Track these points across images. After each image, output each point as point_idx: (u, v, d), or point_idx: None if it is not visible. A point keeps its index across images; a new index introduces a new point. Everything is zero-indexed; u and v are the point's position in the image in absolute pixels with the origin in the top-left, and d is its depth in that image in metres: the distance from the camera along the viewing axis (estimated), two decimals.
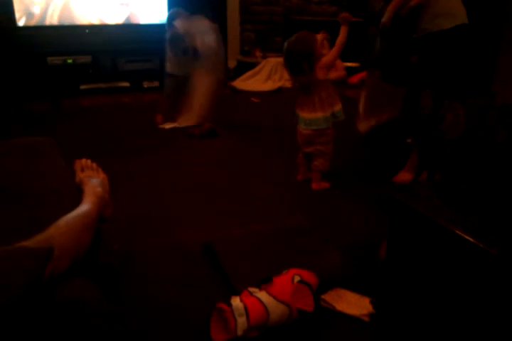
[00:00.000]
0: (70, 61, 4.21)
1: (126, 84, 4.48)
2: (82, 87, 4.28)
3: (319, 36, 2.44)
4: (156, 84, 4.55)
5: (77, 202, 1.20)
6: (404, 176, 2.63)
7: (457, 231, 1.12)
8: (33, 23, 4.05)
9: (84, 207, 1.16)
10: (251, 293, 1.45)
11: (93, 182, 1.32)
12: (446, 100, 2.51)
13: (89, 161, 1.42)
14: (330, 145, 2.48)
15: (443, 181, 1.75)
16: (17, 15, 3.97)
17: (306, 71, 2.35)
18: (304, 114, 2.44)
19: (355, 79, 4.73)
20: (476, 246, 1.08)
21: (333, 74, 4.79)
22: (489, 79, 4.05)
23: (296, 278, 1.48)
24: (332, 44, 2.47)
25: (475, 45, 2.66)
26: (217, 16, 4.77)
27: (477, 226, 1.14)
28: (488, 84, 4.04)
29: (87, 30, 4.24)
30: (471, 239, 1.09)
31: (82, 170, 1.39)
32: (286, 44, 2.43)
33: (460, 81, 2.57)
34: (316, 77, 2.38)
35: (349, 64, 4.84)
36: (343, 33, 2.39)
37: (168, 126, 3.45)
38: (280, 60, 5.23)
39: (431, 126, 2.53)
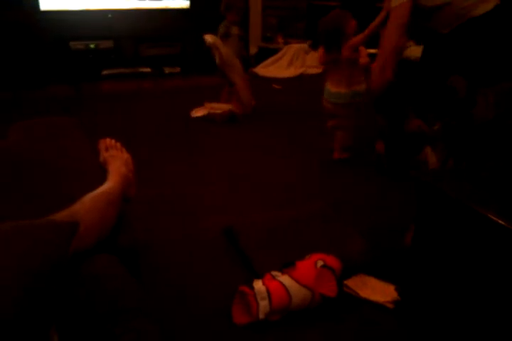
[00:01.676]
0: (92, 46, 4.21)
1: (147, 69, 4.47)
2: (104, 72, 4.28)
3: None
4: (177, 69, 4.54)
5: (101, 180, 1.20)
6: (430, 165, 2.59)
7: (490, 215, 1.09)
8: (56, 7, 4.05)
9: (108, 185, 1.15)
10: (273, 277, 1.44)
11: (117, 161, 1.32)
12: (476, 85, 2.44)
13: (113, 141, 1.42)
14: (352, 120, 2.60)
15: (471, 166, 1.71)
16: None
17: (336, 47, 2.46)
18: (330, 87, 2.58)
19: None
20: (509, 230, 1.04)
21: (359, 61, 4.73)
22: None
23: (320, 263, 1.46)
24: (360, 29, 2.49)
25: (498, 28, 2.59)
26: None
27: (510, 210, 1.10)
28: None
29: (109, 15, 4.23)
30: (504, 223, 1.06)
31: (107, 149, 1.38)
32: (322, 20, 2.51)
33: (492, 65, 2.50)
34: (342, 55, 2.47)
35: (372, 51, 4.75)
36: (379, 18, 2.37)
37: (198, 113, 3.42)
38: (302, 46, 5.18)
39: (464, 109, 2.47)
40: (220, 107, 3.39)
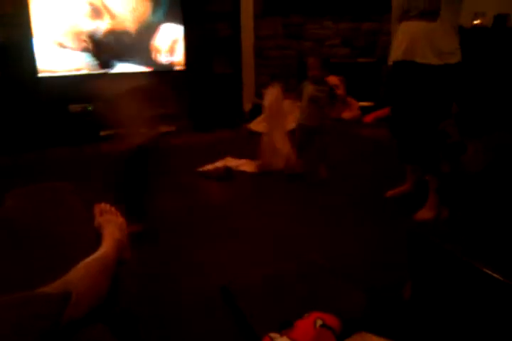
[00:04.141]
0: (90, 108, 4.33)
1: (143, 129, 4.55)
2: (102, 133, 4.37)
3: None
4: (172, 128, 4.63)
5: (96, 245, 1.20)
6: (425, 214, 2.59)
7: (485, 270, 1.09)
8: (53, 73, 4.20)
9: (102, 251, 1.16)
10: (272, 340, 1.41)
11: (111, 226, 1.33)
12: (466, 135, 2.50)
13: (108, 205, 1.44)
14: None
15: (464, 218, 1.71)
16: (38, 65, 4.12)
17: None
18: None
19: (369, 118, 4.77)
20: (505, 284, 1.04)
21: (348, 114, 4.87)
22: (508, 113, 4.05)
23: (319, 322, 1.43)
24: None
25: (487, 81, 2.70)
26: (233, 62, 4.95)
27: (505, 263, 1.10)
28: (508, 119, 4.03)
29: (107, 78, 4.37)
30: (500, 278, 1.06)
31: (101, 214, 1.40)
32: None
33: (479, 115, 2.58)
34: None
35: (363, 103, 4.89)
36: None
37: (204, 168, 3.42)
38: (293, 101, 5.32)
39: (455, 154, 2.52)
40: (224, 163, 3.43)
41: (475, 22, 4.16)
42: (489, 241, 1.24)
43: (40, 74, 4.14)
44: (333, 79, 3.55)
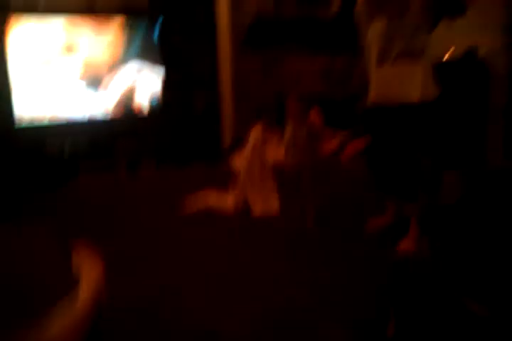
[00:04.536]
0: (67, 150, 4.31)
1: (122, 165, 4.54)
2: (81, 173, 4.33)
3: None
4: (151, 164, 4.63)
5: (73, 290, 1.18)
6: (406, 245, 2.60)
7: (466, 304, 1.09)
8: (32, 122, 4.17)
9: (79, 295, 1.13)
10: None
11: (89, 269, 1.31)
12: (441, 167, 2.55)
13: (86, 248, 1.42)
14: None
15: (444, 250, 1.72)
16: (16, 115, 4.08)
17: None
18: None
19: (348, 150, 4.81)
20: (486, 318, 1.04)
21: (325, 148, 4.92)
22: (481, 146, 4.14)
23: None
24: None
25: (461, 115, 2.78)
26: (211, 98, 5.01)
27: (488, 297, 1.10)
28: (481, 151, 4.13)
29: (85, 125, 4.38)
30: (480, 312, 1.06)
31: (80, 257, 1.38)
32: None
33: (452, 149, 2.63)
34: None
35: (340, 136, 4.94)
36: None
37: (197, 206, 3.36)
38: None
39: (432, 186, 2.55)
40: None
41: (446, 56, 4.29)
42: (470, 274, 1.25)
43: (18, 124, 4.11)
44: (312, 115, 3.59)
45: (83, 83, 4.33)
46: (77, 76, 4.29)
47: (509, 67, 4.19)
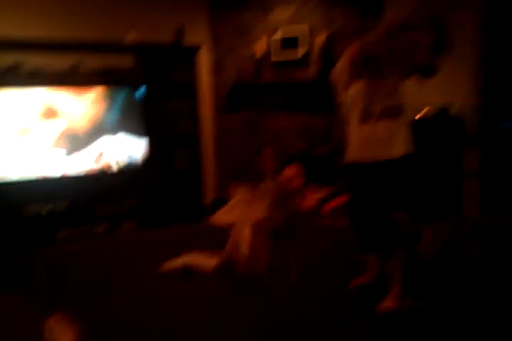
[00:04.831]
0: (45, 210, 4.25)
1: (103, 227, 4.47)
2: (59, 234, 4.26)
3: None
4: (133, 224, 4.58)
5: None
6: (388, 304, 2.57)
7: None
8: (8, 177, 4.15)
9: None
10: None
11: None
12: (417, 222, 2.56)
13: (59, 320, 1.38)
14: None
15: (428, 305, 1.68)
16: None
17: None
18: None
19: (328, 207, 4.82)
20: None
21: (305, 204, 4.92)
22: (457, 200, 4.19)
23: None
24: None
25: (437, 171, 2.83)
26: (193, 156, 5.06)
27: None
28: (457, 205, 4.17)
29: (63, 179, 4.37)
30: None
31: (52, 329, 1.34)
32: None
33: (427, 204, 2.66)
34: None
35: (321, 193, 4.97)
36: None
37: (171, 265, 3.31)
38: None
39: (410, 243, 2.54)
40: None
41: (419, 114, 4.43)
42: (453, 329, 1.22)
43: None
44: (290, 171, 3.64)
45: (63, 145, 4.35)
46: (57, 139, 4.32)
47: (480, 124, 4.34)
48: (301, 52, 5.08)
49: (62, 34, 4.38)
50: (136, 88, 4.63)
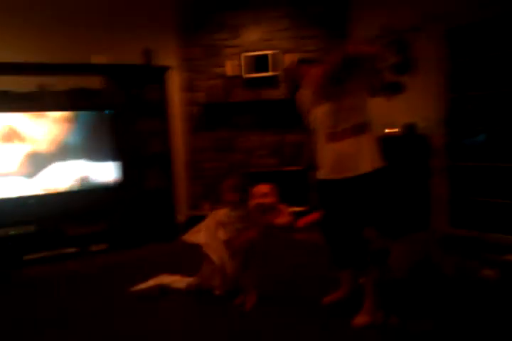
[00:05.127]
0: (12, 233, 4.15)
1: (73, 249, 4.37)
2: (26, 257, 4.15)
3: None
4: (104, 246, 4.49)
5: None
6: (362, 319, 2.56)
7: None
8: None
9: None
10: None
11: None
12: (388, 237, 2.57)
13: None
14: None
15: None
16: None
17: None
18: None
19: (301, 222, 4.84)
20: None
21: (279, 220, 4.92)
22: (426, 214, 4.26)
23: None
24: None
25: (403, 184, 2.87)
26: (165, 176, 5.02)
27: None
28: (426, 219, 4.24)
29: (30, 201, 4.28)
30: None
31: None
32: None
33: (396, 218, 2.68)
34: None
35: (294, 209, 4.99)
36: None
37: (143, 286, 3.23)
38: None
39: (381, 260, 2.55)
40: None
41: (386, 131, 4.53)
42: None
43: None
44: (262, 188, 3.64)
45: (29, 167, 4.27)
46: (23, 161, 4.24)
47: (445, 140, 4.45)
48: (271, 71, 5.18)
49: (29, 56, 4.34)
50: (105, 108, 4.60)
